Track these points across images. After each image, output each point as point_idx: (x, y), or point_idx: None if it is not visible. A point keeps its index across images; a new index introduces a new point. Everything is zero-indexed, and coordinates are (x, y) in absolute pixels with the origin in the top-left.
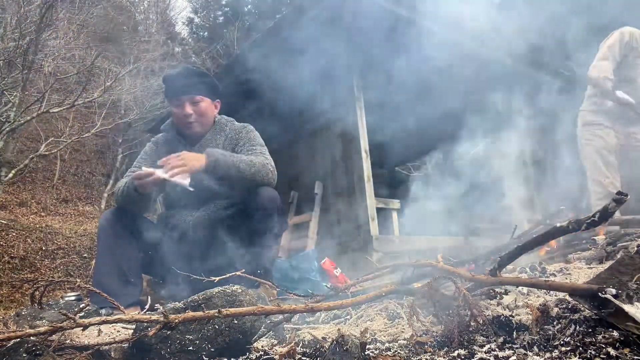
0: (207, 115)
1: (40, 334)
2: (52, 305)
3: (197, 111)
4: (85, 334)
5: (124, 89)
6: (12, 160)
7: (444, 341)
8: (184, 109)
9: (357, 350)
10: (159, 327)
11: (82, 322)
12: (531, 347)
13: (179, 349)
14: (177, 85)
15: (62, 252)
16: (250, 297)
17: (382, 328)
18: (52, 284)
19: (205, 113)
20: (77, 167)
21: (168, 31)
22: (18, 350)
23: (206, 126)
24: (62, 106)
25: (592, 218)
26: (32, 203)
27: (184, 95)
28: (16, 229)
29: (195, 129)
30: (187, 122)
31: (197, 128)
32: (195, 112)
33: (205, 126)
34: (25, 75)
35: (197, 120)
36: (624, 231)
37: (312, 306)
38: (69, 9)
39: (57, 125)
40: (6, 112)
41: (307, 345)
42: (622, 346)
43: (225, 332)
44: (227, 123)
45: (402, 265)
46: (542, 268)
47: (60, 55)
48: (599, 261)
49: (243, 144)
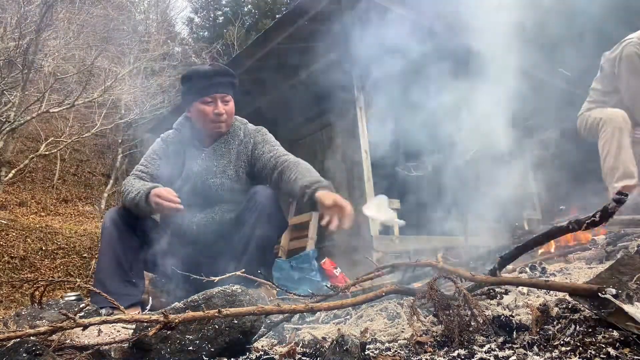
0: (233, 115)
1: (40, 334)
2: (52, 305)
3: (228, 110)
4: (85, 334)
5: (124, 89)
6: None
7: (444, 341)
8: (217, 107)
9: (357, 350)
10: (159, 327)
11: (82, 322)
12: (531, 347)
13: (179, 349)
14: (211, 83)
15: (62, 252)
16: (250, 297)
17: (382, 328)
18: (52, 283)
19: (232, 113)
20: (77, 167)
21: (168, 31)
22: (18, 350)
23: (229, 127)
24: (62, 106)
25: (593, 218)
26: (32, 203)
27: (218, 93)
28: (16, 229)
29: (223, 129)
30: (218, 121)
31: (224, 128)
32: (227, 112)
33: (229, 127)
34: (25, 75)
35: (226, 121)
36: (624, 231)
37: (312, 306)
38: (69, 9)
39: (57, 125)
40: (6, 112)
41: (307, 345)
42: (622, 346)
43: (225, 332)
44: (241, 126)
45: (402, 265)
46: (542, 268)
47: (60, 55)
48: (599, 261)
49: (263, 146)
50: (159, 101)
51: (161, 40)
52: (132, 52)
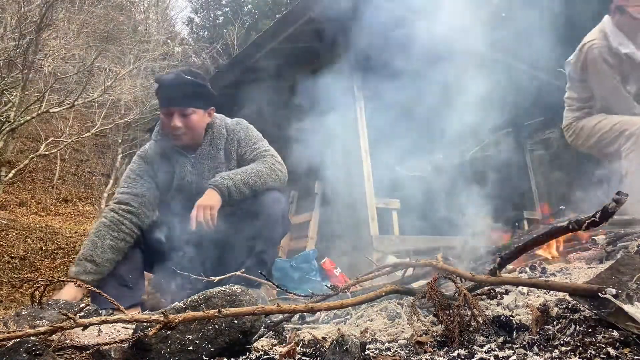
0: (197, 128)
1: (40, 334)
2: (52, 305)
3: (186, 124)
4: (85, 334)
5: (124, 89)
6: (12, 160)
7: (444, 341)
8: (173, 121)
9: (357, 350)
10: (159, 327)
11: (82, 322)
12: (531, 347)
13: (179, 349)
14: (167, 95)
15: (62, 252)
16: (250, 297)
17: (382, 328)
18: (52, 283)
19: (195, 126)
20: (77, 167)
21: (168, 31)
22: (18, 350)
23: (196, 138)
24: (62, 106)
25: (593, 218)
26: (32, 203)
27: (174, 107)
28: (16, 229)
29: (182, 141)
30: (174, 135)
31: (184, 140)
32: (185, 125)
33: (195, 138)
34: (25, 75)
35: (185, 134)
36: (624, 231)
37: (312, 306)
38: (69, 9)
39: (57, 125)
40: (6, 112)
41: (307, 345)
42: (622, 346)
43: (225, 332)
44: (222, 124)
45: (402, 265)
46: (542, 268)
47: (60, 55)
48: (599, 261)
49: (246, 142)
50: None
51: (161, 40)
52: (132, 52)
